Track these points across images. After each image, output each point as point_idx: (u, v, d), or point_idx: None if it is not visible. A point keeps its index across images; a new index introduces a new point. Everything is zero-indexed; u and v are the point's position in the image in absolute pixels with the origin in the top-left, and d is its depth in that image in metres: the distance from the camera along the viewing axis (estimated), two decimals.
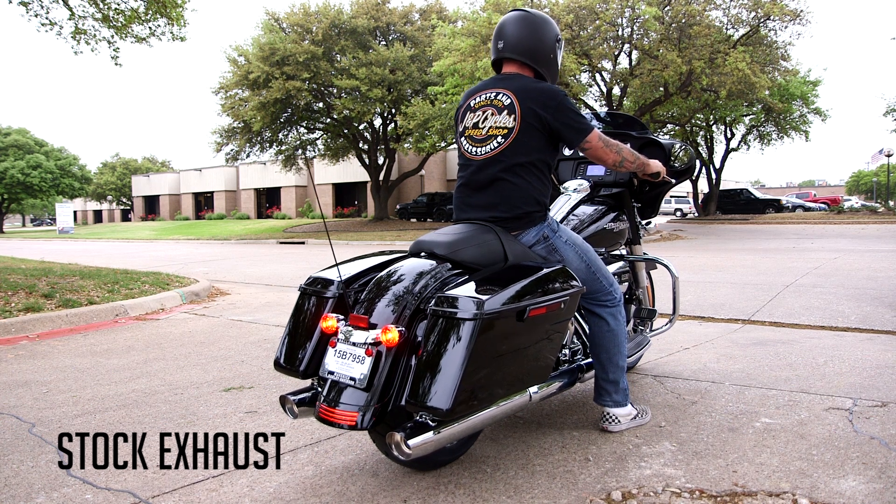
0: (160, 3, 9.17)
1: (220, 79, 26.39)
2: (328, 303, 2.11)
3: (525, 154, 2.32)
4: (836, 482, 2.08)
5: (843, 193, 70.74)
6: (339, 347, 1.99)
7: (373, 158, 28.53)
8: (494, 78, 2.46)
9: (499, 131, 2.34)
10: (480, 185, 2.37)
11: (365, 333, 1.92)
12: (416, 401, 1.79)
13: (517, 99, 2.32)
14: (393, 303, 1.99)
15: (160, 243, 25.64)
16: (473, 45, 18.17)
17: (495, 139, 2.34)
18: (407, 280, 2.05)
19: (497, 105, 2.36)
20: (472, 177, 2.40)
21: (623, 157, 2.49)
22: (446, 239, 2.19)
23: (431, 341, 1.84)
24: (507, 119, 2.32)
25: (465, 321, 1.80)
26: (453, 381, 1.76)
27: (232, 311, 6.42)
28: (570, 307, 2.15)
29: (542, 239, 2.38)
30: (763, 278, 7.83)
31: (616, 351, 2.48)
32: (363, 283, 2.18)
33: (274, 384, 3.51)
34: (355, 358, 1.93)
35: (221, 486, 2.19)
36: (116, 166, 64.09)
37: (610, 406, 2.55)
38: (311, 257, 14.62)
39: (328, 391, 1.96)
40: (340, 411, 1.89)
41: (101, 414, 3.03)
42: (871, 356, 3.80)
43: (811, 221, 23.93)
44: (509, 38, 2.41)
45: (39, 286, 6.51)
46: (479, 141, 2.39)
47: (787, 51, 20.26)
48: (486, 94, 2.41)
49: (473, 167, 2.40)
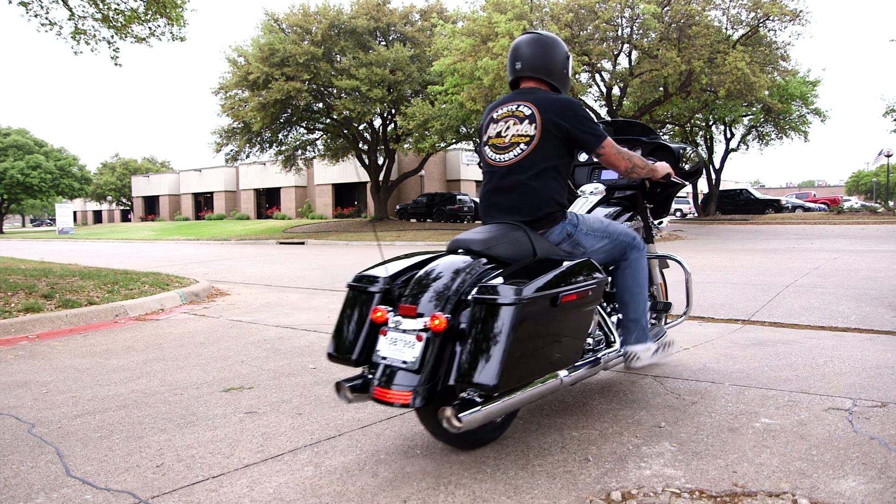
0: (160, 3, 9.16)
1: (220, 79, 26.40)
2: (376, 297, 2.32)
3: (545, 159, 2.54)
4: (835, 482, 2.08)
5: (843, 194, 70.72)
6: (390, 335, 2.20)
7: (372, 159, 28.52)
8: (515, 92, 2.71)
9: (521, 139, 2.56)
10: (505, 189, 2.60)
11: (414, 321, 2.14)
12: (465, 379, 2.01)
13: (537, 110, 2.55)
14: (437, 294, 2.20)
15: (160, 244, 25.63)
16: (473, 44, 18.18)
17: (518, 146, 2.57)
18: (448, 274, 2.26)
19: (518, 115, 2.59)
20: (498, 182, 2.62)
21: (634, 164, 2.73)
22: (481, 237, 2.42)
23: (476, 326, 2.05)
24: (529, 128, 2.55)
25: (506, 306, 2.02)
26: (498, 359, 1.96)
27: (232, 311, 6.42)
28: (596, 295, 2.39)
29: (566, 236, 2.63)
30: (763, 278, 7.83)
31: (638, 291, 2.80)
32: (405, 279, 2.38)
33: (274, 384, 3.51)
34: (406, 343, 2.13)
35: (221, 486, 2.19)
36: (116, 167, 64.07)
37: (631, 343, 2.79)
38: (312, 258, 14.61)
39: (381, 374, 2.15)
40: (394, 391, 2.09)
41: (100, 414, 3.03)
42: (871, 356, 3.80)
43: (811, 222, 23.93)
44: (525, 59, 2.66)
45: (39, 286, 6.50)
46: (502, 148, 2.62)
47: (786, 51, 20.26)
48: (508, 106, 2.64)
49: (498, 173, 2.62)
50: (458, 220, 29.94)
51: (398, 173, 33.86)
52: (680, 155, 3.20)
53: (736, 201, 32.82)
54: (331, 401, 3.18)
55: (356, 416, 2.92)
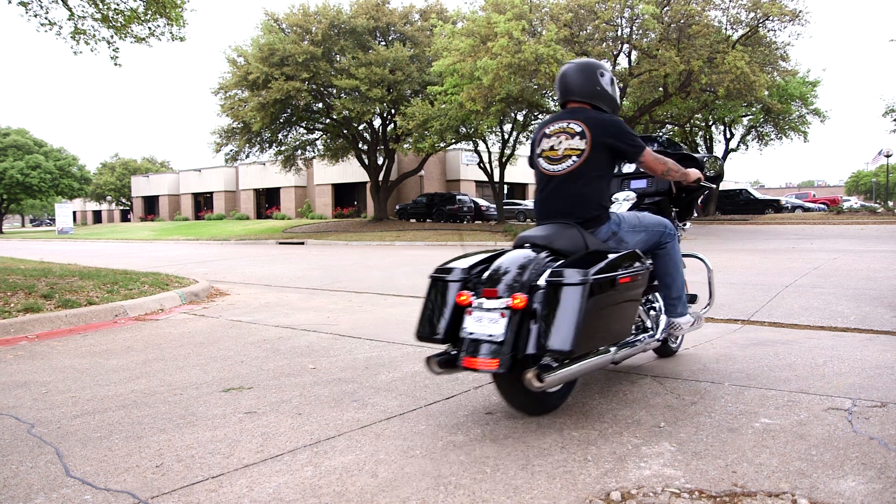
0: (159, 3, 9.16)
1: (220, 79, 26.38)
2: (456, 285, 2.72)
3: (594, 170, 2.96)
4: (835, 482, 2.08)
5: (843, 194, 70.72)
6: (475, 314, 2.58)
7: (372, 159, 28.51)
8: (564, 112, 3.11)
9: (573, 152, 2.97)
10: (559, 195, 3.02)
11: (496, 301, 2.53)
12: (543, 347, 2.42)
13: (587, 127, 2.96)
14: (514, 279, 2.60)
15: (159, 244, 25.63)
16: (473, 45, 18.18)
17: (570, 158, 2.98)
18: (520, 263, 2.68)
19: (570, 132, 2.99)
20: (553, 189, 3.04)
21: (669, 168, 3.15)
22: (543, 233, 2.88)
23: (551, 303, 2.47)
24: (580, 143, 2.96)
25: (575, 286, 2.44)
26: (571, 329, 2.38)
27: (231, 311, 6.42)
28: (643, 280, 2.85)
29: (612, 234, 3.04)
30: (762, 278, 7.83)
31: (676, 273, 3.31)
32: (478, 270, 2.78)
33: (273, 385, 3.51)
34: (491, 320, 2.52)
35: (220, 486, 2.19)
36: (116, 166, 64.02)
37: (676, 317, 3.33)
38: (311, 258, 14.61)
39: (468, 347, 2.54)
40: (482, 359, 2.47)
41: (100, 414, 3.03)
42: (871, 356, 3.80)
43: (810, 222, 23.94)
44: (572, 84, 3.11)
45: (39, 286, 6.50)
46: (555, 160, 3.03)
47: (786, 51, 20.27)
48: (560, 123, 3.05)
49: (553, 181, 3.04)
50: (458, 220, 29.93)
51: (398, 173, 33.85)
52: (703, 163, 3.58)
53: (735, 201, 32.81)
54: (330, 401, 3.18)
55: (356, 417, 2.92)
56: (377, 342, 4.68)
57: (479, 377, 3.53)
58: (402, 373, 3.73)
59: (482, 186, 40.48)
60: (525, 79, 17.61)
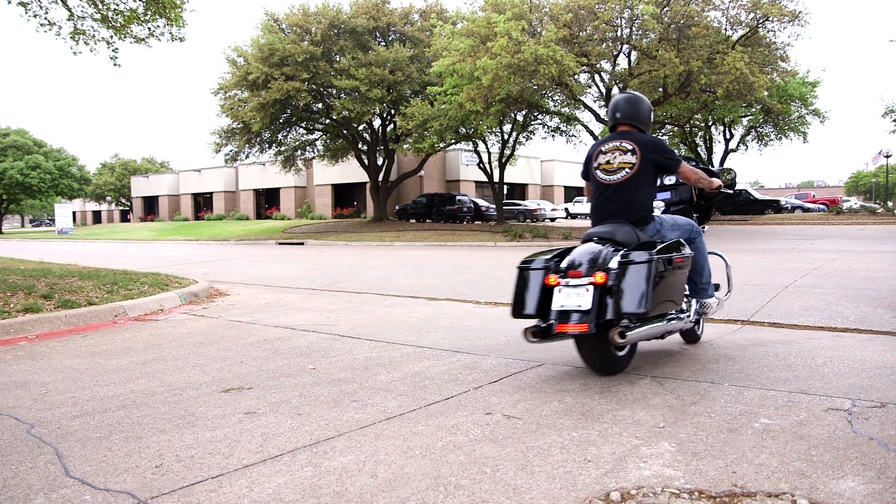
0: (159, 3, 9.16)
1: (220, 79, 26.38)
2: (541, 272, 3.40)
3: (641, 180, 3.64)
4: (835, 483, 2.08)
5: (842, 194, 70.73)
6: (563, 291, 3.26)
7: (372, 159, 28.50)
8: (617, 133, 3.80)
9: (626, 165, 3.64)
10: (613, 200, 3.69)
11: (582, 279, 3.22)
12: (621, 312, 3.13)
13: (637, 146, 3.65)
14: (592, 262, 3.29)
15: (159, 244, 25.63)
16: (472, 45, 18.17)
17: (623, 170, 3.64)
18: (594, 251, 3.37)
19: (623, 149, 3.68)
20: (609, 195, 3.71)
21: (699, 177, 3.86)
22: (606, 230, 3.57)
23: (625, 278, 3.17)
24: (631, 158, 3.63)
25: (644, 263, 3.16)
26: (644, 296, 3.10)
27: (231, 311, 6.42)
28: (688, 262, 3.59)
29: (656, 232, 3.73)
30: (762, 279, 7.83)
31: (704, 262, 3.97)
32: (556, 260, 3.47)
33: (273, 385, 3.51)
34: (578, 294, 3.21)
35: (220, 486, 2.19)
36: (115, 167, 63.99)
37: (705, 298, 3.98)
38: (311, 258, 14.61)
39: (559, 317, 3.22)
40: (573, 325, 3.14)
41: (100, 415, 3.02)
42: (870, 357, 3.80)
43: (810, 222, 23.95)
44: (623, 111, 3.81)
45: (38, 287, 6.50)
46: (611, 171, 3.69)
47: (785, 52, 20.27)
48: (614, 142, 3.73)
49: (609, 189, 3.70)
50: (458, 220, 29.93)
51: (397, 174, 33.84)
52: (720, 174, 4.23)
53: (735, 202, 32.78)
54: (330, 401, 3.18)
55: (355, 417, 2.92)
56: (377, 342, 4.68)
57: (477, 378, 3.55)
58: (401, 373, 3.73)
59: (482, 187, 40.50)
60: (525, 79, 17.60)
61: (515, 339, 4.76)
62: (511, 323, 5.51)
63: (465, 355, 4.18)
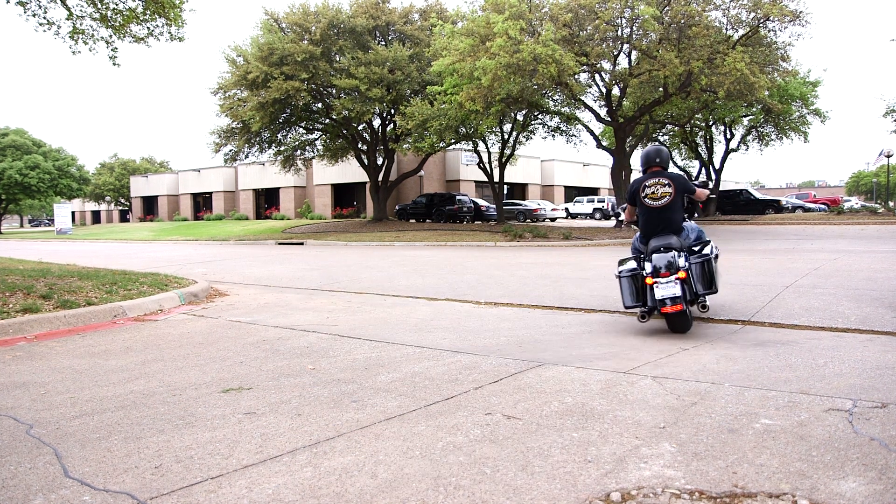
0: (158, 3, 9.15)
1: (219, 79, 26.32)
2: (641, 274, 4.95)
3: (676, 204, 5.20)
4: (836, 483, 2.07)
5: (843, 194, 70.73)
6: (659, 286, 4.74)
7: (372, 159, 28.48)
8: (654, 172, 5.36)
9: (666, 194, 5.19)
10: (659, 219, 5.20)
11: (670, 277, 4.71)
12: (697, 294, 4.83)
13: (671, 181, 5.22)
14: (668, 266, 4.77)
15: (158, 244, 25.62)
16: (472, 44, 18.14)
17: (665, 198, 5.19)
18: (668, 258, 4.81)
19: (661, 184, 5.23)
20: (656, 216, 5.22)
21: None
22: (664, 241, 5.00)
23: (696, 273, 4.84)
24: (669, 189, 5.19)
25: (704, 261, 4.84)
26: (709, 281, 4.82)
27: (231, 311, 6.41)
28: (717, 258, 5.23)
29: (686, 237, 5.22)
30: (763, 279, 7.83)
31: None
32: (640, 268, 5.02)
33: (273, 385, 3.50)
34: (670, 286, 4.70)
35: (220, 487, 2.18)
36: (115, 167, 63.94)
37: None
38: (311, 258, 14.60)
39: (661, 302, 4.72)
40: (671, 307, 4.68)
41: (99, 415, 3.02)
42: (871, 357, 3.79)
43: (811, 222, 23.94)
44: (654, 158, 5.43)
45: (37, 287, 6.49)
46: (655, 199, 5.22)
47: (786, 51, 20.23)
48: (654, 179, 5.27)
49: (655, 211, 5.22)
50: (458, 220, 29.91)
51: (397, 173, 33.81)
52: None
53: (736, 202, 32.79)
54: (330, 401, 3.17)
55: (355, 417, 2.91)
56: (377, 343, 4.68)
57: (478, 378, 3.55)
58: (401, 373, 3.72)
59: (482, 186, 40.48)
60: (524, 79, 17.57)
61: (515, 339, 4.75)
62: (511, 323, 5.50)
63: (465, 355, 4.17)
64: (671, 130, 29.99)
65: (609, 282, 8.12)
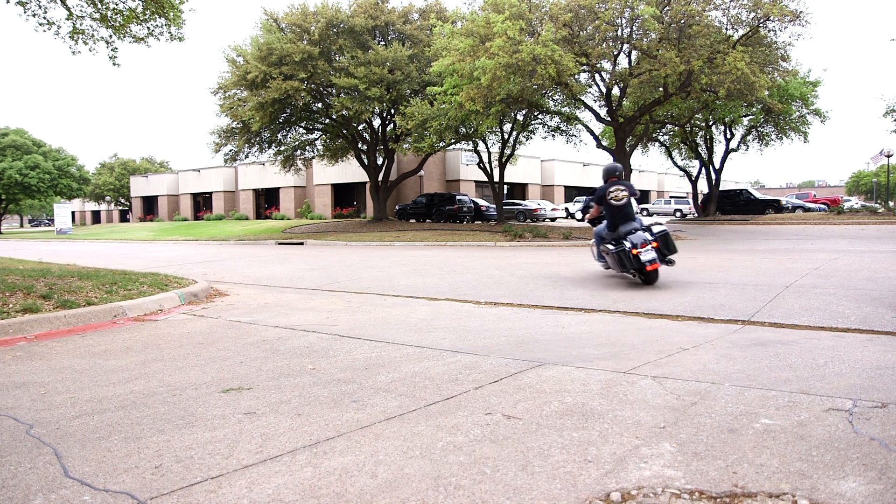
0: (158, 3, 9.15)
1: (219, 79, 26.32)
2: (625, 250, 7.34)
3: (630, 201, 7.82)
4: (836, 483, 2.08)
5: (843, 194, 70.71)
6: (643, 253, 7.25)
7: (371, 159, 28.47)
8: (613, 182, 7.89)
9: (624, 196, 7.77)
10: (622, 213, 7.76)
11: (648, 246, 7.29)
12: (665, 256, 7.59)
13: (626, 187, 7.85)
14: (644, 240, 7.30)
15: (158, 244, 25.62)
16: (472, 45, 18.14)
17: (624, 199, 7.76)
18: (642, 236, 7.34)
19: (620, 189, 7.79)
20: (620, 211, 7.77)
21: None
22: (635, 225, 7.60)
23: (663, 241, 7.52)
24: (625, 192, 7.79)
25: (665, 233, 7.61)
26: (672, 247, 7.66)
27: (231, 311, 6.41)
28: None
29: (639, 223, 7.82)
30: (763, 279, 7.83)
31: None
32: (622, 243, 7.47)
33: (273, 385, 3.50)
34: (650, 252, 7.28)
35: (220, 487, 2.18)
36: (115, 167, 63.95)
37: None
38: (311, 258, 14.60)
39: (648, 263, 7.25)
40: (652, 266, 7.25)
41: (99, 415, 3.02)
42: (871, 357, 3.79)
43: (811, 222, 23.93)
44: (614, 172, 7.98)
45: (37, 287, 6.49)
46: (618, 200, 7.76)
47: (786, 51, 20.23)
48: (615, 186, 7.82)
49: (618, 208, 7.78)
50: (458, 220, 29.90)
51: (397, 173, 33.81)
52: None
53: (736, 202, 32.79)
54: (330, 401, 3.17)
55: (355, 417, 2.91)
56: (377, 343, 4.68)
57: (478, 378, 3.55)
58: (401, 373, 3.72)
59: (482, 186, 40.48)
60: (524, 79, 17.57)
61: (515, 338, 4.76)
62: (511, 323, 5.50)
63: (465, 355, 4.17)
64: (671, 130, 29.99)
65: (608, 281, 8.12)
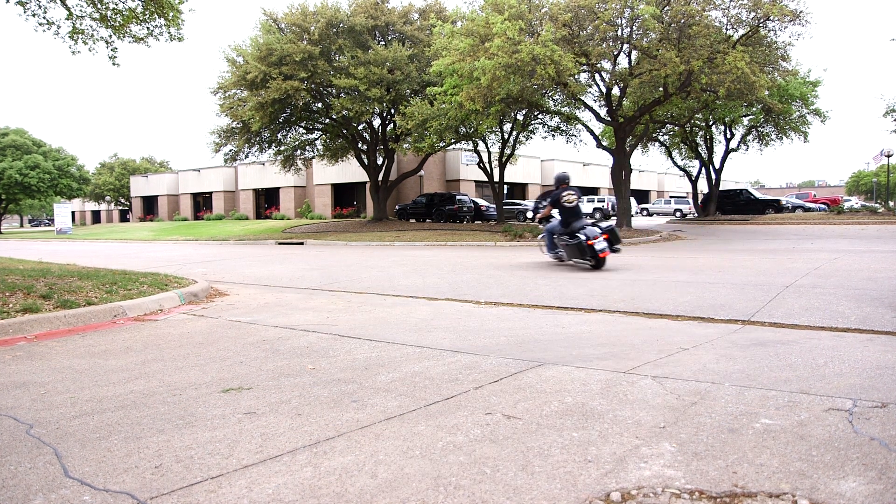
0: (157, 3, 9.15)
1: (219, 79, 26.30)
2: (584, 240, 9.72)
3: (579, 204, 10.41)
4: (836, 483, 2.08)
5: (843, 194, 70.72)
6: (596, 243, 9.56)
7: (372, 159, 28.47)
8: (565, 187, 10.38)
9: (574, 199, 10.30)
10: (574, 213, 10.19)
11: (601, 237, 9.67)
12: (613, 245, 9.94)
13: (575, 192, 10.39)
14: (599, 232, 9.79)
15: (158, 244, 25.62)
16: (472, 45, 18.14)
17: (574, 201, 10.28)
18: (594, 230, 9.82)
19: (571, 193, 10.31)
20: (571, 211, 10.19)
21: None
22: (586, 222, 10.15)
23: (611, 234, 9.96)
24: (574, 196, 10.33)
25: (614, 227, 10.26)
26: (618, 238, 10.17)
27: (230, 311, 6.41)
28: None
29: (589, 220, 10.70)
30: (763, 279, 7.83)
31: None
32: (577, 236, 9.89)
33: (273, 385, 3.50)
34: (602, 243, 9.64)
35: (220, 487, 2.18)
36: (115, 166, 63.95)
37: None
38: (311, 258, 14.60)
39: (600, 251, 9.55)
40: (604, 254, 9.59)
41: (99, 415, 3.02)
42: (871, 357, 3.80)
43: (811, 222, 23.94)
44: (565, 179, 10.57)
45: (37, 287, 6.49)
46: (570, 202, 10.22)
47: (786, 51, 20.22)
48: (567, 191, 10.29)
49: (570, 209, 10.21)
50: (458, 220, 29.91)
51: (397, 173, 33.81)
52: None
53: (736, 201, 32.79)
54: (330, 401, 3.17)
55: (355, 417, 2.91)
56: (377, 342, 4.68)
57: (478, 378, 3.56)
58: (401, 373, 3.72)
59: (482, 186, 40.49)
60: (524, 79, 17.57)
61: (515, 338, 4.76)
62: (511, 323, 5.50)
63: (465, 355, 4.17)
64: (671, 130, 29.98)
65: (609, 282, 8.12)
